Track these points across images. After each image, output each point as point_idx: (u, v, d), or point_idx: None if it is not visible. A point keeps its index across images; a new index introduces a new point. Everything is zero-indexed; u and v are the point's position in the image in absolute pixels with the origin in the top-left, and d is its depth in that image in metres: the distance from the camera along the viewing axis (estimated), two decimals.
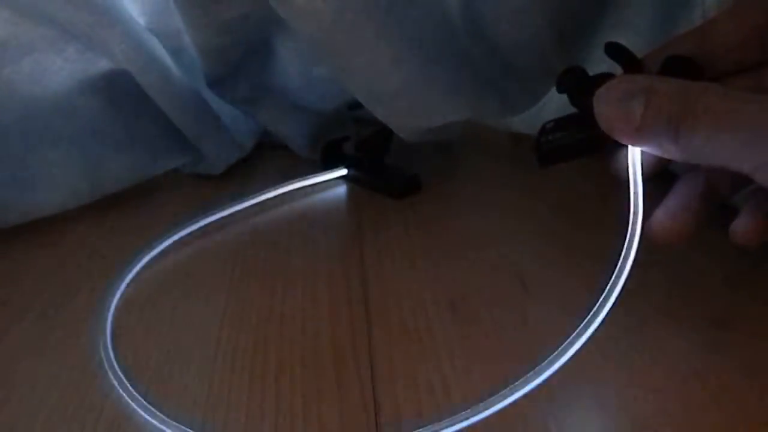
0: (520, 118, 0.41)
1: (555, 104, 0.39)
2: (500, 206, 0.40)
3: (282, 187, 0.43)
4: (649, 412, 0.23)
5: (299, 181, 0.44)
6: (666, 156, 0.22)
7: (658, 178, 0.27)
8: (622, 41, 0.25)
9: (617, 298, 0.23)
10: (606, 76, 0.24)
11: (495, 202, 0.40)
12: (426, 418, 0.24)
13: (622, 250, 0.23)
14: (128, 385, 0.27)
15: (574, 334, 0.23)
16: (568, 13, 0.30)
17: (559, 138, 0.26)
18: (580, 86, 0.24)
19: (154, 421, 0.25)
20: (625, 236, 0.24)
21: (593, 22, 0.32)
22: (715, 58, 0.25)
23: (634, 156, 0.24)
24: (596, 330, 0.23)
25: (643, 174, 0.24)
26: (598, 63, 0.25)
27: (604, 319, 0.23)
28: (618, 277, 0.23)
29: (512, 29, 0.32)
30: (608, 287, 0.23)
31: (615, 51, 0.25)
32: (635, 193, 0.24)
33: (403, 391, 0.26)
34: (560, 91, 0.25)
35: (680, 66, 0.24)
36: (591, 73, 0.25)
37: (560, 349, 0.23)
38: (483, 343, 0.28)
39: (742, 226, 0.25)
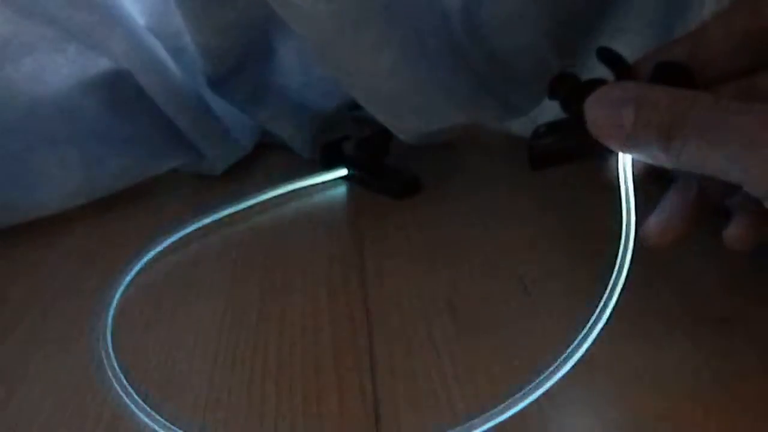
0: (520, 120, 0.41)
1: (554, 107, 0.39)
2: (500, 207, 0.40)
3: (282, 187, 0.43)
4: (651, 414, 0.23)
5: (299, 181, 0.44)
6: (656, 163, 0.22)
7: (651, 182, 0.27)
8: (620, 46, 0.25)
9: (615, 306, 0.23)
10: (597, 83, 0.24)
11: (495, 203, 0.40)
12: (426, 419, 0.24)
13: (617, 257, 0.24)
14: (127, 386, 0.27)
15: (570, 350, 0.23)
16: (567, 19, 0.30)
17: (551, 142, 0.26)
18: (571, 92, 0.24)
19: (154, 425, 0.25)
20: (619, 244, 0.24)
21: (592, 27, 0.32)
22: (706, 63, 0.25)
23: (625, 163, 0.24)
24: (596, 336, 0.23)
25: (634, 178, 0.24)
26: (597, 67, 0.26)
27: (601, 329, 0.23)
28: (615, 283, 0.23)
29: (512, 34, 0.32)
30: (605, 296, 0.23)
31: (607, 57, 0.25)
32: (627, 199, 0.24)
33: (403, 392, 0.26)
34: (551, 97, 0.26)
35: (671, 72, 0.24)
36: (584, 79, 0.25)
37: (560, 360, 0.23)
38: (483, 343, 0.28)
39: (734, 231, 0.25)
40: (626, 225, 0.24)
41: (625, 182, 0.24)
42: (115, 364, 0.29)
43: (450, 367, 0.27)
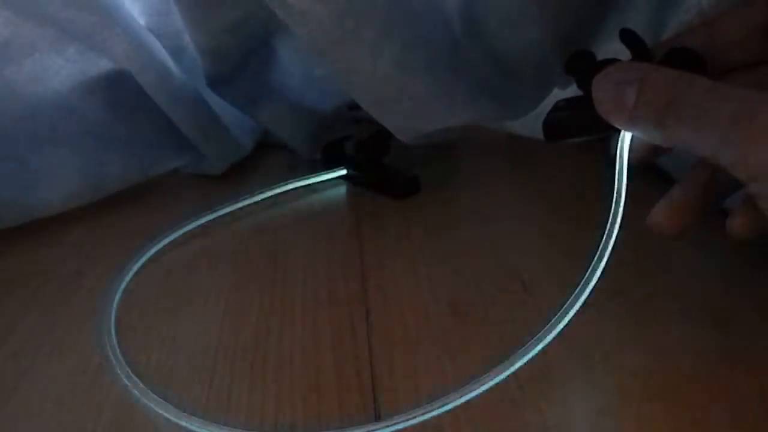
0: (520, 120, 0.41)
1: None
2: (499, 207, 0.40)
3: (282, 186, 0.43)
4: (650, 412, 0.23)
5: (299, 180, 0.44)
6: (654, 142, 0.23)
7: (646, 170, 0.27)
8: (620, 44, 0.26)
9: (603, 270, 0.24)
10: (612, 62, 0.25)
11: (494, 202, 0.40)
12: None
13: (604, 233, 0.25)
14: (134, 375, 0.28)
15: (563, 308, 0.24)
16: (569, 20, 0.30)
17: (564, 116, 0.27)
18: (586, 69, 0.25)
19: (164, 412, 0.25)
20: (607, 218, 0.25)
21: (593, 27, 0.32)
22: (720, 52, 0.25)
23: (625, 142, 0.25)
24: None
25: (629, 163, 0.25)
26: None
27: (593, 287, 0.25)
28: (600, 257, 0.25)
29: (513, 35, 0.32)
30: (591, 265, 0.25)
31: (629, 39, 0.26)
32: (620, 174, 0.25)
33: (403, 391, 0.26)
34: (567, 72, 0.27)
35: (683, 58, 0.25)
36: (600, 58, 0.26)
37: (545, 328, 0.24)
38: (483, 342, 0.28)
39: (738, 218, 0.26)
40: (616, 195, 0.25)
41: (621, 158, 0.25)
42: (122, 359, 0.29)
43: (450, 366, 0.27)
